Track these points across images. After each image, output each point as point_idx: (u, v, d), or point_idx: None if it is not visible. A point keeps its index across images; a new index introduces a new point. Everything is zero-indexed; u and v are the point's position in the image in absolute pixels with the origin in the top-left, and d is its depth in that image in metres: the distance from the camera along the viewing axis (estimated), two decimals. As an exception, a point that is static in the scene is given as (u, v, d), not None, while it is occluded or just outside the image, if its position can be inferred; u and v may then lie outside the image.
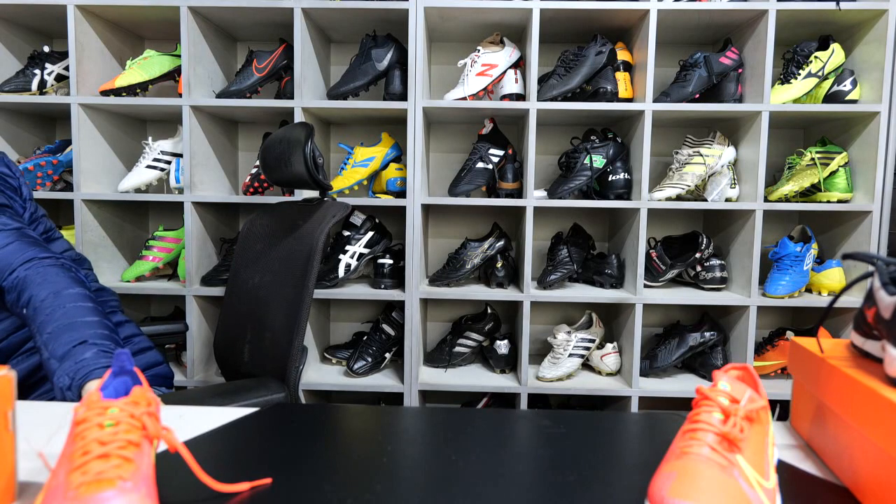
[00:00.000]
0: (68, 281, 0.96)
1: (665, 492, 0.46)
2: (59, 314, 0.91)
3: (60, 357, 0.86)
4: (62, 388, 0.84)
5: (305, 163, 1.18)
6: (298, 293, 1.15)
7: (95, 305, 0.95)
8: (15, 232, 1.03)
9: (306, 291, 1.14)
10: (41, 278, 0.96)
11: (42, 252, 1.01)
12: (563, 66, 1.74)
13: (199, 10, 1.71)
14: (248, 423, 0.74)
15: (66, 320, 0.90)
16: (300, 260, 1.18)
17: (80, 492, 0.44)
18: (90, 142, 1.77)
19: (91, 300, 0.96)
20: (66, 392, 0.84)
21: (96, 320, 0.92)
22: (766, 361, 1.82)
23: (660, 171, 2.01)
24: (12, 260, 0.98)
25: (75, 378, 0.84)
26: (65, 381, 0.84)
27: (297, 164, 1.20)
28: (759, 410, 0.54)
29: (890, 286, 0.55)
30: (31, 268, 0.97)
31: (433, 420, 0.78)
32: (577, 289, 1.84)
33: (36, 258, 0.99)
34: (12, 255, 0.99)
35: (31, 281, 0.95)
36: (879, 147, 1.66)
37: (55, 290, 0.94)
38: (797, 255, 1.74)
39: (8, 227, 1.03)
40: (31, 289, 0.95)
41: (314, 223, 1.20)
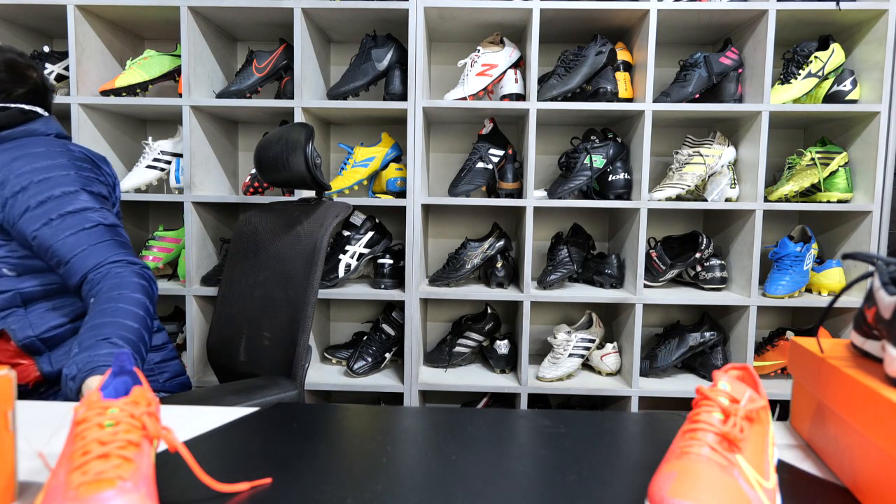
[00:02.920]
0: (136, 287, 0.97)
1: (665, 492, 0.46)
2: (107, 310, 0.92)
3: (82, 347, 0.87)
4: (67, 375, 0.84)
5: (307, 163, 1.18)
6: (302, 292, 1.15)
7: (145, 316, 0.95)
8: (111, 230, 1.04)
9: (311, 290, 1.14)
10: (118, 279, 0.97)
11: (131, 255, 1.03)
12: (563, 66, 1.74)
13: (199, 10, 1.71)
14: (248, 423, 0.74)
15: (108, 318, 0.91)
16: (302, 259, 1.18)
17: (80, 492, 0.44)
18: (90, 142, 1.77)
19: (145, 311, 0.96)
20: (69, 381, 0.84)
21: (135, 327, 0.92)
22: (766, 361, 1.82)
23: (660, 171, 2.01)
24: (102, 257, 0.99)
25: (81, 369, 0.84)
26: (72, 370, 0.84)
27: (297, 164, 1.20)
28: (759, 410, 0.54)
29: (890, 286, 0.55)
30: (114, 268, 0.99)
31: (433, 420, 0.78)
32: (577, 289, 1.83)
33: (124, 261, 1.00)
34: (104, 252, 1.00)
35: (108, 278, 0.97)
36: (879, 147, 1.66)
37: (119, 291, 0.95)
38: (797, 255, 1.74)
39: (106, 222, 1.05)
40: (102, 283, 0.96)
41: (315, 223, 1.20)
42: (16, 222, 1.00)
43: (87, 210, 1.03)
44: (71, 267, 0.99)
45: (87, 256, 0.99)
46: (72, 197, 1.03)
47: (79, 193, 1.04)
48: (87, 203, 1.04)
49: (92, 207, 1.04)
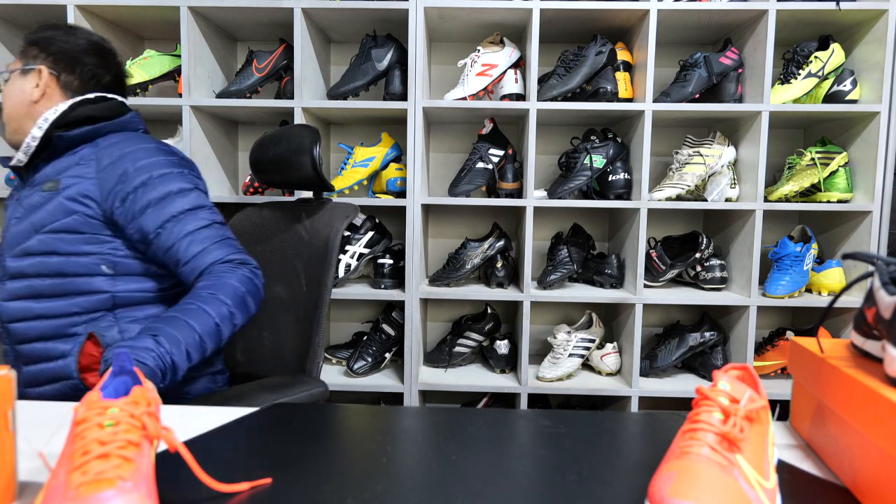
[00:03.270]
0: (229, 291, 0.95)
1: (665, 492, 0.46)
2: (184, 308, 0.92)
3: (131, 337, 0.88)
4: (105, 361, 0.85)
5: (314, 165, 1.19)
6: (314, 292, 1.16)
7: (218, 324, 0.93)
8: (223, 227, 1.05)
9: (325, 290, 1.15)
10: (217, 279, 0.96)
11: (243, 254, 1.02)
12: (563, 66, 1.74)
13: (199, 10, 1.71)
14: (248, 423, 0.74)
15: (176, 314, 0.91)
16: (308, 259, 1.18)
17: (80, 492, 0.44)
18: (90, 142, 1.77)
19: (221, 318, 0.94)
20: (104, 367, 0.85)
21: (195, 329, 0.90)
22: (766, 361, 1.82)
23: (660, 171, 2.01)
24: (218, 256, 0.99)
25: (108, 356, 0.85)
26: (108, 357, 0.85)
27: (303, 165, 1.20)
28: (759, 410, 0.54)
29: (890, 286, 0.55)
30: (224, 267, 0.98)
31: (433, 420, 0.78)
32: (577, 289, 1.83)
33: (237, 260, 1.00)
34: (220, 251, 1.00)
35: (211, 276, 0.97)
36: (879, 147, 1.66)
37: (210, 290, 0.95)
38: (797, 255, 1.74)
39: (218, 220, 1.05)
40: (204, 280, 0.96)
41: (321, 223, 1.20)
42: (136, 217, 0.99)
43: (201, 208, 1.03)
44: (189, 266, 0.99)
45: (204, 255, 0.99)
46: (188, 194, 1.03)
47: (193, 191, 1.04)
48: (201, 201, 1.04)
49: (206, 206, 1.05)
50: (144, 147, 1.04)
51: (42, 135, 1.03)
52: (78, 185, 1.00)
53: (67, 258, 0.99)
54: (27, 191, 1.05)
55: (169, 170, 1.03)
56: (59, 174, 1.02)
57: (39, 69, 1.07)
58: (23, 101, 1.06)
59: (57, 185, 1.01)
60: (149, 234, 0.99)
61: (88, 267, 1.00)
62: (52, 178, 1.02)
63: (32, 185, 1.05)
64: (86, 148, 1.05)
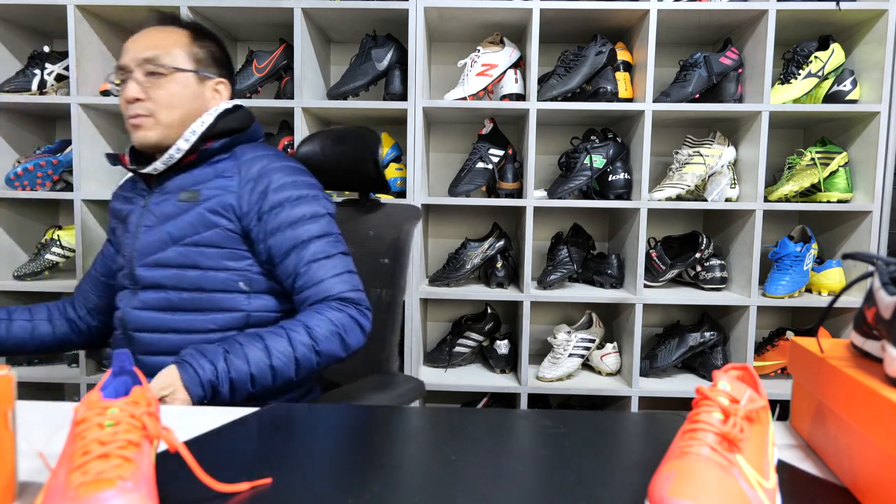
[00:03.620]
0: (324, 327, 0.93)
1: (665, 492, 0.46)
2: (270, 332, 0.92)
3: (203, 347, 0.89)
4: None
5: (377, 166, 1.20)
6: (388, 293, 1.18)
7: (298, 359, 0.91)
8: (346, 259, 1.01)
9: (399, 291, 1.16)
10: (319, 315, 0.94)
11: (358, 292, 0.99)
12: (563, 66, 1.74)
13: (199, 10, 1.70)
14: (248, 423, 0.74)
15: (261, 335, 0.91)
16: (382, 260, 1.19)
17: (80, 492, 0.44)
18: (90, 142, 1.77)
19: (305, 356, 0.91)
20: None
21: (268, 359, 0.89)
22: (766, 361, 1.82)
23: (660, 171, 2.01)
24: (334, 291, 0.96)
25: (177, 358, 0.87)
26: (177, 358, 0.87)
27: (367, 167, 1.21)
28: (759, 410, 0.54)
29: (890, 286, 0.55)
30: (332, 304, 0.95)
31: (433, 420, 0.78)
32: (577, 289, 1.83)
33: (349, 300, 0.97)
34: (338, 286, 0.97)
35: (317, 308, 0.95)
36: (879, 147, 1.65)
37: (305, 322, 0.93)
38: (797, 255, 1.74)
39: (345, 250, 1.02)
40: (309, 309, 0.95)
41: (387, 223, 1.20)
42: (268, 237, 0.98)
43: (329, 235, 1.01)
44: (304, 294, 0.97)
45: (321, 286, 0.96)
46: (319, 220, 1.01)
47: (324, 217, 1.02)
48: (331, 228, 1.02)
49: (334, 233, 1.02)
50: (283, 165, 1.02)
51: (188, 147, 0.99)
52: (219, 197, 0.97)
53: (206, 272, 0.97)
54: (156, 197, 1.01)
55: (305, 192, 1.01)
56: (196, 184, 0.99)
57: (223, 82, 1.06)
58: (195, 108, 1.02)
59: (197, 196, 0.98)
60: (276, 255, 0.98)
61: (227, 283, 0.98)
62: (187, 188, 0.99)
63: (163, 192, 1.01)
64: (224, 159, 1.02)
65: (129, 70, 0.98)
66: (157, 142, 0.99)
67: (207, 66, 1.04)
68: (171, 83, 0.99)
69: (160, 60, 0.99)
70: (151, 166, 0.99)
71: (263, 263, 1.00)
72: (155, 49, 0.99)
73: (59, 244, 1.82)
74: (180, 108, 1.00)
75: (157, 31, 1.02)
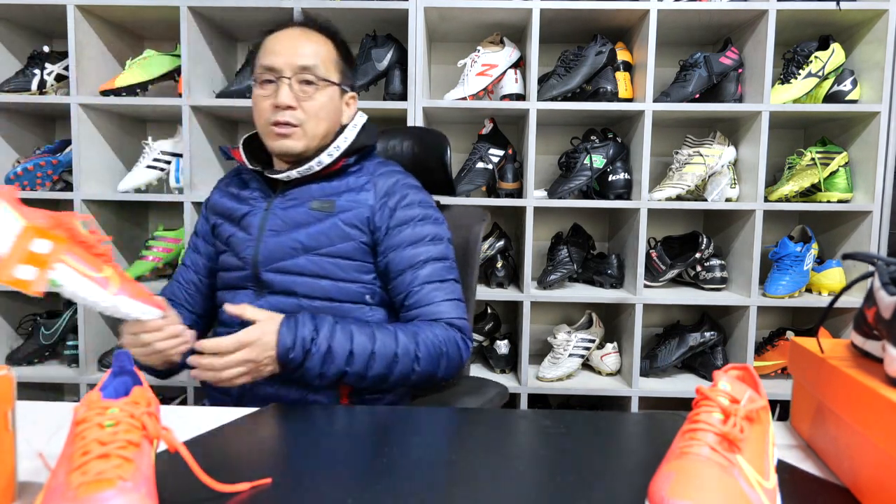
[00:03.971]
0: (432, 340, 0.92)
1: (665, 492, 0.46)
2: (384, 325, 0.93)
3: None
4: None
5: (446, 168, 1.22)
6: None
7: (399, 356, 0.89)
8: (458, 286, 1.01)
9: (470, 293, 1.17)
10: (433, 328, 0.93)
11: (464, 318, 0.98)
12: (563, 66, 1.74)
13: (199, 10, 1.70)
14: (248, 423, 0.74)
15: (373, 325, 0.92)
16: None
17: (79, 492, 0.44)
18: (90, 142, 1.76)
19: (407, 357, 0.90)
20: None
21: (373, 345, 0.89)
22: (766, 361, 1.82)
23: (660, 171, 2.01)
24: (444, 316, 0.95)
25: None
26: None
27: (437, 168, 1.22)
28: (759, 410, 0.54)
29: (890, 286, 0.55)
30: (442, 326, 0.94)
31: (433, 420, 0.78)
32: (577, 289, 1.83)
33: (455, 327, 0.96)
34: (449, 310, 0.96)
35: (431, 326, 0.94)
36: (879, 147, 1.65)
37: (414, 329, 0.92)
38: (797, 255, 1.74)
39: (457, 277, 1.02)
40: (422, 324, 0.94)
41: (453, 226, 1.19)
42: (389, 252, 0.98)
43: (446, 259, 1.00)
44: (416, 314, 0.96)
45: (432, 309, 0.96)
46: (438, 244, 1.01)
47: (443, 241, 1.02)
48: (448, 252, 1.02)
49: (450, 258, 1.02)
50: (412, 184, 1.04)
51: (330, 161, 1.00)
52: (356, 210, 0.98)
53: (338, 283, 0.97)
54: (281, 202, 1.00)
55: (430, 213, 1.02)
56: (330, 196, 0.99)
57: (354, 96, 1.06)
58: (335, 122, 1.03)
59: (332, 207, 0.98)
60: (393, 270, 0.98)
61: (356, 295, 0.98)
62: (320, 198, 0.99)
63: (289, 198, 1.00)
64: (354, 172, 1.03)
65: (282, 74, 0.97)
66: (299, 152, 0.99)
67: (346, 79, 1.05)
68: (321, 95, 0.99)
69: (316, 71, 0.98)
70: (285, 173, 0.99)
71: (380, 277, 1.01)
72: (313, 58, 0.98)
73: (59, 244, 1.82)
74: (326, 121, 1.00)
75: (308, 36, 1.01)
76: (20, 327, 1.89)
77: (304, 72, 0.97)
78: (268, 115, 0.98)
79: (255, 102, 1.01)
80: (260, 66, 1.00)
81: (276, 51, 0.99)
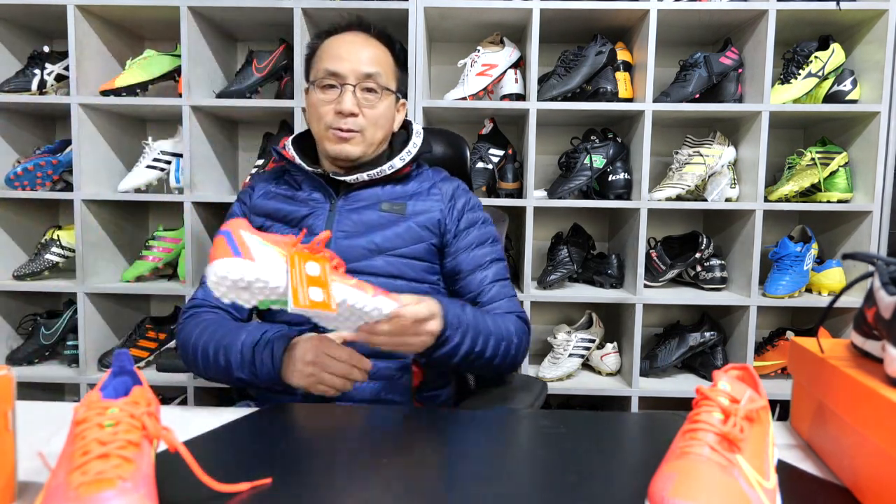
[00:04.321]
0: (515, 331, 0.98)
1: (665, 492, 0.46)
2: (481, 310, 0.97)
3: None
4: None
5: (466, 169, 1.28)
6: None
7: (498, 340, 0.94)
8: (512, 283, 1.08)
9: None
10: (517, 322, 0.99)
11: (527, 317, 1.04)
12: (563, 66, 1.74)
13: (199, 10, 1.70)
14: (248, 423, 0.74)
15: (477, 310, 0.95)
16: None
17: (79, 492, 0.44)
18: (90, 142, 1.76)
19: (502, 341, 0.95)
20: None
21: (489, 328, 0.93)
22: (766, 361, 1.82)
23: (660, 171, 2.01)
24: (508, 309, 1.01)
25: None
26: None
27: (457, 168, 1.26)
28: (759, 410, 0.54)
29: (890, 286, 0.55)
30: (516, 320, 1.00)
31: (433, 420, 0.78)
32: (577, 289, 1.83)
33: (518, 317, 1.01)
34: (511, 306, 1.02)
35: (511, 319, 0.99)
36: (879, 147, 1.65)
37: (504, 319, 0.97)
38: (797, 255, 1.73)
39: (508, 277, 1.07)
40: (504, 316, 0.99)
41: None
42: (457, 254, 1.03)
43: (503, 260, 1.07)
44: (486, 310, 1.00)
45: (506, 306, 1.01)
46: (496, 245, 1.07)
47: (498, 242, 1.08)
48: (502, 253, 1.08)
49: (504, 259, 1.08)
50: (465, 188, 1.10)
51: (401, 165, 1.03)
52: (428, 214, 1.02)
53: (411, 283, 1.00)
54: (344, 203, 1.02)
55: (487, 215, 1.09)
56: (398, 198, 1.03)
57: (404, 103, 1.09)
58: (389, 129, 1.06)
59: (404, 210, 1.01)
60: (463, 270, 1.03)
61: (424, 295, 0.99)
62: (387, 200, 1.02)
63: (354, 200, 1.02)
64: (417, 177, 1.07)
65: (346, 81, 0.98)
66: (357, 157, 1.01)
67: (401, 86, 1.08)
68: (381, 103, 1.01)
69: (379, 80, 1.00)
70: (354, 176, 1.01)
71: (444, 276, 1.06)
72: (376, 66, 1.00)
73: (58, 244, 1.82)
74: (383, 129, 1.03)
75: (371, 43, 1.03)
76: (20, 327, 1.89)
77: (368, 80, 0.99)
78: (329, 119, 0.99)
79: (314, 105, 1.01)
80: (322, 69, 1.00)
81: (341, 56, 0.99)
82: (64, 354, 1.84)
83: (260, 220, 1.07)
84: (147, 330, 1.82)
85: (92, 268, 1.77)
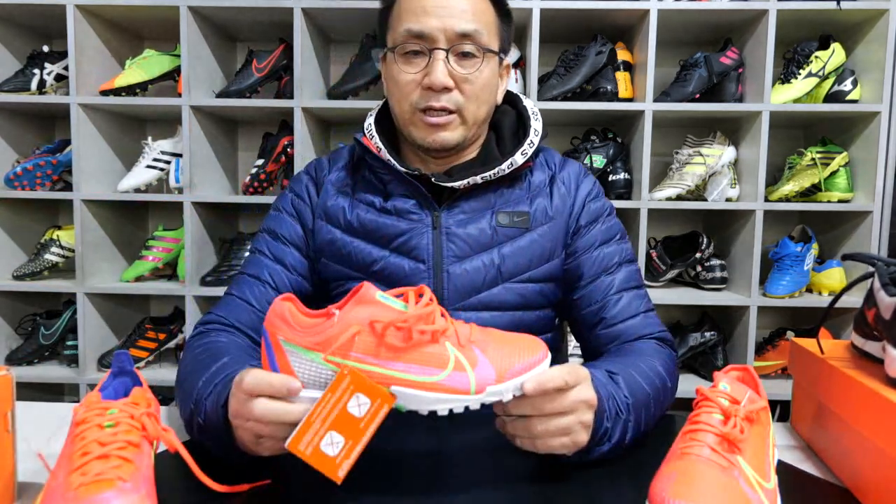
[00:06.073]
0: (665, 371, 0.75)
1: (666, 493, 0.46)
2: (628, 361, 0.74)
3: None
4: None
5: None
6: None
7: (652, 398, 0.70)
8: (645, 291, 0.89)
9: None
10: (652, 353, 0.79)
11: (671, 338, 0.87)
12: (563, 66, 1.74)
13: (199, 10, 1.70)
14: (248, 423, 0.74)
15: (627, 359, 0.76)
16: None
17: (79, 492, 0.44)
18: (90, 142, 1.76)
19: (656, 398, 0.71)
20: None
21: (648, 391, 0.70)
22: (766, 362, 1.82)
23: (660, 171, 2.01)
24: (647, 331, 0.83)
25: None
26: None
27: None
28: (760, 411, 0.54)
29: (890, 287, 0.55)
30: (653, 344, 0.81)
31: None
32: (577, 289, 1.83)
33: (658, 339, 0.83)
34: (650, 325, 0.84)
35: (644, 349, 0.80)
36: (880, 147, 1.65)
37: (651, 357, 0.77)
38: (797, 255, 1.73)
39: (643, 284, 0.90)
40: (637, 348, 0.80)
41: None
42: (578, 256, 0.82)
43: (634, 262, 0.86)
44: (614, 330, 0.80)
45: (635, 324, 0.82)
46: (623, 242, 0.85)
47: (626, 240, 0.86)
48: (632, 253, 0.87)
49: (636, 260, 0.88)
50: (586, 170, 0.88)
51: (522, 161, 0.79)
52: (552, 223, 0.82)
53: (540, 312, 0.84)
54: (448, 215, 0.79)
55: (611, 205, 0.88)
56: (516, 204, 0.81)
57: (509, 65, 0.83)
58: (493, 103, 0.81)
59: (528, 222, 0.80)
60: (585, 276, 0.82)
61: (550, 323, 0.86)
62: (503, 209, 0.80)
63: (460, 210, 0.80)
64: (533, 175, 0.84)
65: (437, 45, 0.74)
66: (456, 144, 0.79)
67: (505, 44, 0.82)
68: (483, 70, 0.76)
69: (480, 39, 0.75)
70: (464, 181, 0.77)
71: (560, 284, 0.84)
72: (474, 21, 0.74)
73: (58, 244, 1.82)
74: (487, 104, 0.80)
75: None
76: (20, 327, 1.89)
77: (464, 40, 0.74)
78: (415, 98, 0.76)
79: (394, 79, 0.78)
80: (402, 30, 0.75)
81: (427, 9, 0.73)
82: (63, 355, 1.84)
83: (329, 229, 0.82)
84: (146, 330, 1.82)
85: (91, 268, 1.77)
